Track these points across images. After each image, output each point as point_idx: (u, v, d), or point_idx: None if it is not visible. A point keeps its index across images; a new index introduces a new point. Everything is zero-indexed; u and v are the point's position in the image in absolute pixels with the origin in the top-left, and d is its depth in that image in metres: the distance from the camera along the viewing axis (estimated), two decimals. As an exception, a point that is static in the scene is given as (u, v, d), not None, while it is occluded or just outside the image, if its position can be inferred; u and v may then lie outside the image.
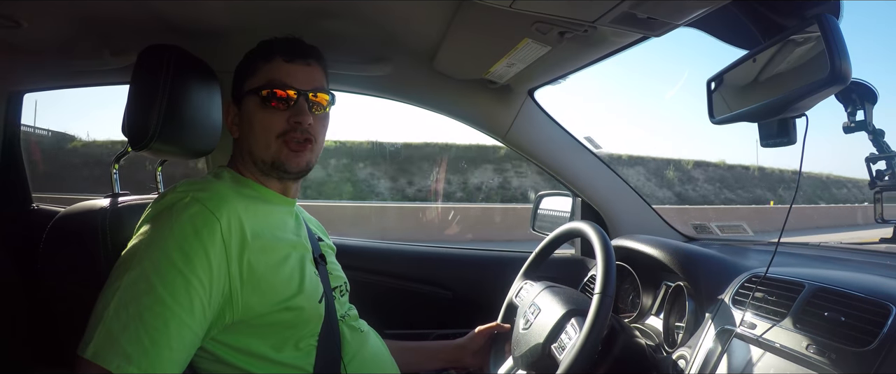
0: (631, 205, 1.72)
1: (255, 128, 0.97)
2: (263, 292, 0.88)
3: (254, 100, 0.97)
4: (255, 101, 0.97)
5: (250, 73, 0.99)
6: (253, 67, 0.99)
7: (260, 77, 0.97)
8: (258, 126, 0.96)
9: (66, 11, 1.20)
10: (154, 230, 0.82)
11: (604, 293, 0.91)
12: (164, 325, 0.76)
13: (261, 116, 0.96)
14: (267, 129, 0.96)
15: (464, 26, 1.17)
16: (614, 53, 1.23)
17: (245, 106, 0.99)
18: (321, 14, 1.21)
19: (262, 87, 0.96)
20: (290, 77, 0.97)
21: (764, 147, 0.95)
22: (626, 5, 0.89)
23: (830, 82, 0.74)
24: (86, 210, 1.03)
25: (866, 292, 0.82)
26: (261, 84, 0.96)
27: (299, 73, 0.98)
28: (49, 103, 34.88)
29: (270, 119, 0.96)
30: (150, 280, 0.77)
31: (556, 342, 0.98)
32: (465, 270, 1.79)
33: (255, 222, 0.89)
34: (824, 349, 0.78)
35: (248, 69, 0.99)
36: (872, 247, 1.30)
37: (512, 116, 1.62)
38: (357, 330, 1.12)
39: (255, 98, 0.97)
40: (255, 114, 0.97)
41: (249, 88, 0.98)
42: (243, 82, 0.99)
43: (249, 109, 0.98)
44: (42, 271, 1.03)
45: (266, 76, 0.97)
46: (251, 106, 0.97)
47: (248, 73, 0.99)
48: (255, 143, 0.97)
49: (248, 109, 0.98)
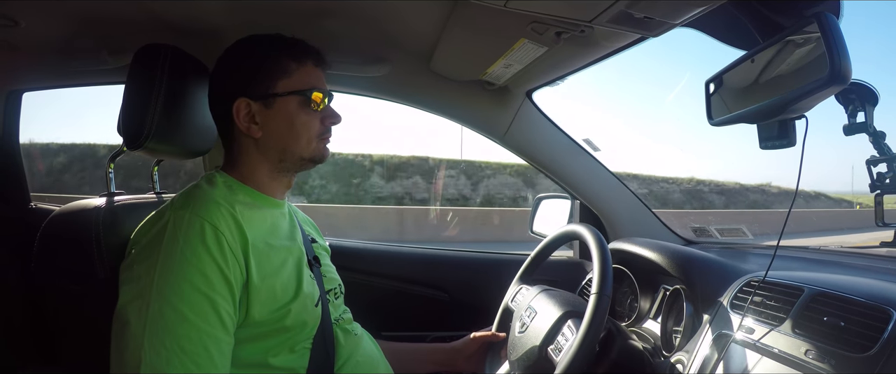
0: (630, 208, 1.71)
1: (297, 127, 0.98)
2: (263, 300, 0.88)
3: (295, 101, 0.97)
4: (296, 102, 0.97)
5: (282, 72, 0.97)
6: (284, 66, 0.97)
7: (297, 79, 0.98)
8: (301, 126, 0.98)
9: (64, 11, 1.20)
10: (165, 257, 0.81)
11: (600, 294, 0.90)
12: (205, 349, 0.79)
13: (304, 117, 0.98)
14: (309, 129, 0.99)
15: (460, 27, 1.16)
16: (612, 54, 1.22)
17: (279, 106, 0.97)
18: (318, 14, 1.21)
19: (307, 90, 0.98)
20: (321, 82, 1.02)
21: (763, 149, 0.93)
22: (622, 4, 0.88)
23: (830, 82, 0.72)
24: (80, 209, 1.03)
25: (866, 296, 0.80)
26: (303, 87, 0.98)
27: (322, 77, 1.03)
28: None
29: (312, 121, 0.99)
30: (179, 310, 0.78)
31: (553, 344, 0.98)
32: (462, 272, 1.78)
33: (252, 230, 0.89)
34: (824, 354, 0.77)
35: (277, 68, 0.97)
36: (873, 251, 1.29)
37: (510, 118, 1.62)
38: (351, 333, 1.11)
39: (298, 99, 0.97)
40: (298, 115, 0.98)
41: (289, 90, 0.97)
42: (273, 81, 0.96)
43: (288, 109, 0.97)
44: (36, 270, 1.02)
45: (305, 80, 0.98)
46: (292, 106, 0.97)
47: (279, 72, 0.97)
48: (295, 141, 0.99)
49: (285, 109, 0.97)
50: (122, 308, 0.81)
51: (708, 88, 1.00)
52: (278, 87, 0.96)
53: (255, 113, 0.96)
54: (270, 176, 1.01)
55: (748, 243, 1.73)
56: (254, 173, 1.00)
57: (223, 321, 0.81)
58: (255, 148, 0.99)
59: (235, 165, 1.01)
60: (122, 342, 0.79)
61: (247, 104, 0.96)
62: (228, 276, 0.83)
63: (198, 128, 1.12)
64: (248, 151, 0.99)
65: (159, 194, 1.27)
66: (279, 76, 0.97)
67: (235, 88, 0.97)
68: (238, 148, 1.00)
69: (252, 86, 0.96)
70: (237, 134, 0.99)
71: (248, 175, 1.00)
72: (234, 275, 0.83)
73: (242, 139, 0.99)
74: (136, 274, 0.82)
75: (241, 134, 0.98)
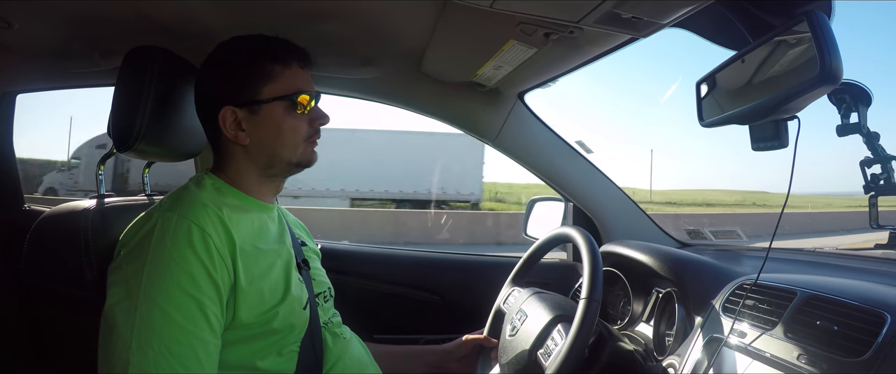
0: (623, 210, 1.70)
1: (285, 133, 0.97)
2: (251, 303, 0.87)
3: (281, 106, 0.95)
4: (282, 107, 0.96)
5: (266, 78, 0.95)
6: (268, 71, 0.95)
7: (283, 83, 0.96)
8: (289, 132, 0.97)
9: (57, 12, 1.19)
10: (153, 259, 0.80)
11: (590, 298, 0.90)
12: (192, 351, 0.78)
13: (291, 122, 0.97)
14: (297, 133, 0.98)
15: (449, 28, 1.15)
16: (603, 56, 1.22)
17: (266, 112, 0.95)
18: (308, 16, 1.20)
19: (293, 94, 0.96)
20: (307, 84, 1.00)
21: (755, 151, 0.92)
22: (609, 5, 0.87)
23: (821, 82, 0.71)
24: (70, 211, 1.02)
25: (860, 299, 0.79)
26: (290, 91, 0.96)
27: (309, 78, 1.01)
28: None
29: (299, 124, 0.98)
30: (167, 312, 0.78)
31: (542, 348, 0.97)
32: (454, 274, 1.77)
33: (240, 232, 0.89)
34: (816, 358, 0.75)
35: (263, 73, 0.95)
36: (867, 253, 1.28)
37: (502, 120, 1.61)
38: (339, 337, 1.10)
39: (284, 104, 0.96)
40: (285, 120, 0.96)
41: (274, 95, 0.95)
42: (257, 87, 0.95)
43: (275, 114, 0.95)
44: (26, 272, 1.02)
45: (290, 83, 0.96)
46: (278, 112, 0.95)
47: (263, 77, 0.95)
48: (282, 147, 0.97)
49: (271, 114, 0.95)
50: (109, 310, 0.80)
51: (699, 89, 0.99)
52: (263, 93, 0.95)
53: (242, 120, 0.95)
54: (259, 181, 1.00)
55: (742, 244, 1.72)
56: (242, 178, 0.99)
57: (210, 323, 0.81)
58: (244, 154, 0.98)
59: (224, 169, 0.99)
60: (109, 344, 0.78)
61: (233, 112, 0.94)
62: (216, 278, 0.82)
63: (188, 130, 1.11)
64: (236, 156, 0.98)
65: (150, 195, 1.26)
66: (264, 82, 0.95)
67: (220, 96, 0.95)
68: (226, 153, 0.99)
69: (237, 94, 0.94)
70: (224, 140, 0.97)
71: (236, 179, 0.99)
72: (221, 277, 0.83)
73: (230, 145, 0.98)
74: (124, 276, 0.81)
75: (229, 140, 0.96)
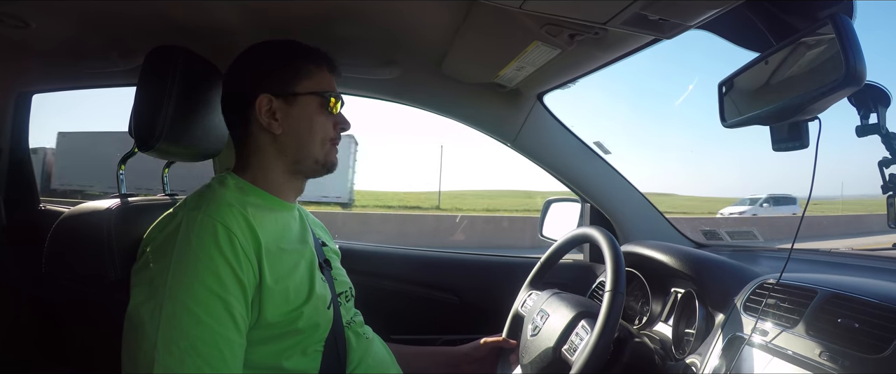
0: (641, 211, 1.71)
1: (314, 129, 1.00)
2: (276, 302, 0.88)
3: (315, 102, 1.00)
4: (316, 103, 1.00)
5: (304, 74, 0.99)
6: (305, 68, 1.00)
7: (316, 81, 1.01)
8: (318, 128, 1.01)
9: (74, 12, 1.21)
10: (178, 258, 0.81)
11: (615, 291, 0.91)
12: (219, 351, 0.79)
13: (322, 119, 1.01)
14: (324, 131, 1.01)
15: (473, 29, 1.17)
16: (624, 57, 1.23)
17: (300, 105, 0.99)
18: (330, 17, 1.21)
19: (326, 93, 1.01)
20: (335, 88, 1.04)
21: (776, 151, 0.93)
22: (637, 6, 0.88)
23: (845, 84, 0.73)
24: (91, 211, 1.03)
25: (880, 298, 0.80)
26: (323, 89, 1.01)
27: (335, 84, 1.05)
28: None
29: (327, 123, 1.02)
30: (193, 311, 0.78)
31: (567, 344, 0.97)
32: (472, 275, 1.77)
33: (264, 232, 0.89)
34: (837, 355, 0.76)
35: (299, 69, 1.00)
36: (886, 252, 1.28)
37: (521, 121, 1.62)
38: (362, 336, 1.11)
39: (318, 100, 1.00)
40: (316, 116, 1.00)
41: (310, 90, 0.99)
42: (296, 80, 0.99)
43: (308, 109, 0.99)
44: (46, 272, 1.03)
45: (323, 83, 1.02)
46: (311, 107, 1.00)
47: (301, 73, 0.99)
48: (310, 142, 1.00)
49: (305, 108, 0.99)
50: (134, 309, 0.81)
51: (721, 89, 1.00)
52: (300, 86, 0.99)
53: (277, 109, 0.97)
54: (284, 177, 1.01)
55: (759, 245, 1.72)
56: (267, 174, 1.00)
57: (236, 323, 0.81)
58: (273, 146, 0.99)
59: (248, 167, 1.01)
60: (134, 343, 0.79)
61: (269, 100, 0.97)
62: (241, 277, 0.83)
63: (209, 130, 1.12)
64: (265, 149, 0.99)
65: (171, 195, 1.27)
66: (301, 77, 0.99)
67: (257, 84, 0.98)
68: (254, 146, 1.00)
69: (275, 83, 0.98)
70: (255, 131, 0.99)
71: (260, 177, 1.00)
72: (246, 276, 0.83)
73: (260, 137, 0.99)
74: (149, 275, 0.82)
75: (260, 131, 0.98)
